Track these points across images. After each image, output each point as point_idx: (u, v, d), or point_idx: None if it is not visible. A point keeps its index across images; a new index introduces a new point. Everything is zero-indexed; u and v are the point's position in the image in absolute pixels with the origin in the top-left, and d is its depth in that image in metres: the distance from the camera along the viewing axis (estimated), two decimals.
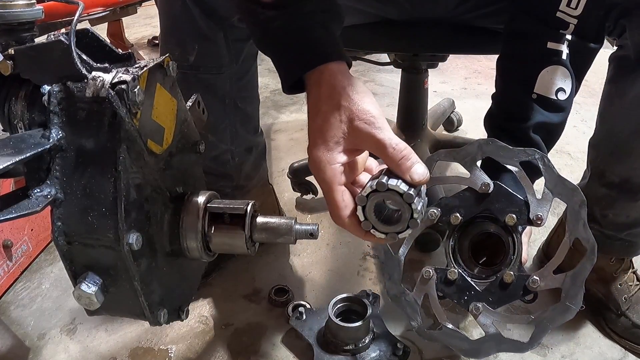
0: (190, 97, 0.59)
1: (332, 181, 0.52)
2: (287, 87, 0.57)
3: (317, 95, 0.53)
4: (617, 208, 0.83)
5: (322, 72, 0.53)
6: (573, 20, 0.68)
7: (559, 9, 0.68)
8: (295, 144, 1.63)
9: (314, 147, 0.53)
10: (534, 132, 0.72)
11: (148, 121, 0.46)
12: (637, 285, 0.90)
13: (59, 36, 0.43)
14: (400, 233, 0.51)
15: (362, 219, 0.52)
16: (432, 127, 1.44)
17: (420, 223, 0.50)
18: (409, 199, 0.49)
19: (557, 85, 0.70)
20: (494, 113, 0.78)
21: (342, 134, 0.52)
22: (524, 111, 0.72)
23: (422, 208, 0.50)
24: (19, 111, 0.47)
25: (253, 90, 0.97)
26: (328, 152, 0.52)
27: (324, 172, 0.52)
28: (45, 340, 0.89)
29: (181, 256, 0.53)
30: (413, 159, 0.50)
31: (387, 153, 0.50)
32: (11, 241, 1.00)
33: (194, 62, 0.82)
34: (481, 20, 0.94)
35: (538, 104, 0.71)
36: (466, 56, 2.49)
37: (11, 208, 0.40)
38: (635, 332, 0.86)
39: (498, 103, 0.78)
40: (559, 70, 0.70)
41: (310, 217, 1.24)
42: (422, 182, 0.50)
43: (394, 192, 0.49)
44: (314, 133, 0.53)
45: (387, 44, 1.07)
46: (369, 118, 0.51)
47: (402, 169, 0.50)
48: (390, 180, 0.49)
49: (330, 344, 0.82)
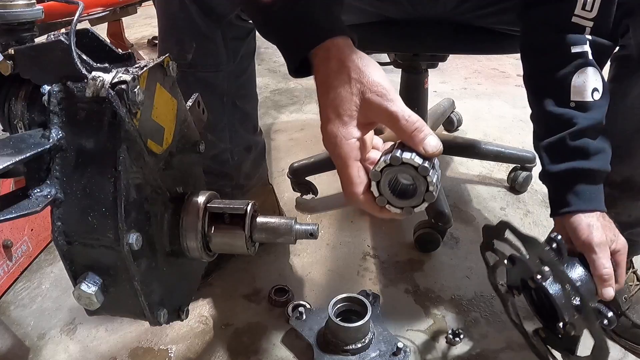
0: (190, 97, 0.59)
1: (348, 156, 0.51)
2: (294, 69, 0.57)
3: (326, 71, 0.53)
4: (619, 207, 0.83)
5: (328, 48, 0.53)
6: (589, 23, 0.68)
7: (574, 13, 0.68)
8: (295, 144, 1.63)
9: (328, 122, 0.52)
10: (585, 138, 0.69)
11: (148, 121, 0.46)
12: (637, 285, 0.90)
13: (59, 36, 0.43)
14: (416, 207, 0.50)
15: (377, 195, 0.51)
16: (432, 127, 1.44)
17: (436, 195, 0.49)
18: (424, 172, 0.48)
19: (591, 86, 0.69)
20: (540, 134, 0.75)
21: (355, 107, 0.51)
22: (567, 123, 0.69)
23: (437, 180, 0.50)
24: (19, 111, 0.48)
25: (251, 88, 0.97)
26: (343, 127, 0.51)
27: (340, 148, 0.51)
28: (45, 340, 0.89)
29: (181, 256, 0.53)
30: (426, 131, 0.49)
31: (400, 125, 0.49)
32: (11, 241, 1.00)
33: (192, 61, 0.82)
34: (482, 20, 0.94)
35: (578, 111, 0.69)
36: (466, 56, 2.49)
37: (11, 208, 0.40)
38: (635, 332, 0.86)
39: (539, 123, 0.75)
40: (588, 70, 0.68)
41: (310, 217, 1.24)
42: (435, 154, 0.49)
43: (408, 165, 0.48)
44: (327, 108, 0.52)
45: (387, 43, 1.07)
46: (380, 90, 0.50)
47: (415, 140, 0.49)
48: (405, 153, 0.48)
49: (330, 344, 0.82)
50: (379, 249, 1.12)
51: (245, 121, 0.96)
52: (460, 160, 1.51)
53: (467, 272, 1.04)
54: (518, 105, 1.95)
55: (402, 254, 1.10)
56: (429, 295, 0.98)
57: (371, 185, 0.51)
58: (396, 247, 1.12)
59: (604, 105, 0.70)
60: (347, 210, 1.26)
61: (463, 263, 1.06)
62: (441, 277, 1.03)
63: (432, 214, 1.08)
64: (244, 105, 0.94)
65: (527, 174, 1.32)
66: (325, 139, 0.52)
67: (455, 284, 1.01)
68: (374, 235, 1.16)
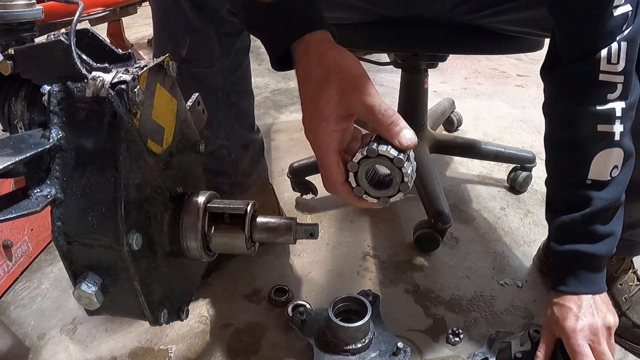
0: (190, 97, 0.59)
1: (327, 148, 0.53)
2: (276, 62, 0.58)
3: (306, 64, 0.54)
4: None
5: (308, 41, 0.54)
6: (619, 78, 0.63)
7: (600, 70, 0.63)
8: (295, 144, 1.63)
9: (309, 115, 0.54)
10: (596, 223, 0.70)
11: (148, 121, 0.46)
12: (637, 285, 0.90)
13: (59, 36, 0.43)
14: (392, 197, 0.53)
15: (355, 185, 0.53)
16: (432, 127, 1.44)
17: (410, 186, 0.51)
18: (399, 163, 0.50)
19: (611, 166, 0.67)
20: (554, 202, 0.75)
21: (335, 100, 0.52)
22: (580, 200, 0.69)
23: (412, 172, 0.52)
24: (19, 111, 0.48)
25: (246, 85, 0.97)
26: (322, 120, 0.52)
27: (320, 139, 0.53)
28: (45, 340, 0.89)
29: (181, 256, 0.53)
30: (401, 125, 0.51)
31: (377, 118, 0.51)
32: (11, 241, 1.00)
33: (186, 56, 0.83)
34: (481, 21, 0.94)
35: (593, 189, 0.68)
36: (466, 56, 2.49)
37: (11, 208, 0.40)
38: (636, 332, 0.86)
39: (553, 192, 0.76)
40: (612, 152, 0.67)
41: (310, 217, 1.24)
42: (410, 147, 0.51)
43: (384, 157, 0.50)
44: (307, 102, 0.54)
45: (386, 43, 1.07)
46: (358, 84, 0.52)
47: (391, 133, 0.51)
48: (380, 146, 0.51)
49: (330, 344, 0.82)
50: (379, 249, 1.12)
51: (242, 118, 0.96)
52: (460, 160, 1.51)
53: (467, 272, 1.04)
54: (518, 106, 1.95)
55: (402, 254, 1.10)
56: (429, 295, 0.98)
57: (349, 176, 0.53)
58: (396, 247, 1.12)
59: (623, 180, 0.69)
60: (347, 210, 1.26)
61: (463, 263, 1.07)
62: (441, 277, 1.03)
63: (431, 213, 1.08)
64: (240, 101, 0.94)
65: (527, 174, 1.32)
66: (307, 131, 0.54)
67: (455, 284, 1.01)
68: (374, 235, 1.16)
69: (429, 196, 1.11)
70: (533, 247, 1.10)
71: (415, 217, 1.15)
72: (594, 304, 0.70)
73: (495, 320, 0.92)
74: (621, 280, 0.89)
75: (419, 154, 1.26)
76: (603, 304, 0.71)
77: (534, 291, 0.99)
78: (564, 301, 0.71)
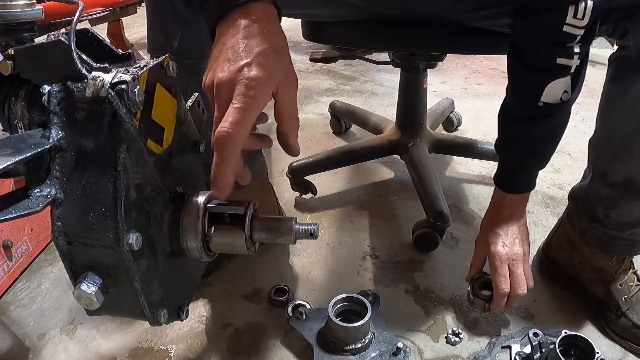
0: (190, 97, 0.59)
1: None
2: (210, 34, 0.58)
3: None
4: (620, 207, 0.83)
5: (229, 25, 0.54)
6: (580, 31, 0.68)
7: (565, 22, 0.68)
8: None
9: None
10: (539, 135, 0.78)
11: (148, 121, 0.46)
12: (637, 285, 0.90)
13: (59, 36, 0.43)
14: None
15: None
16: (432, 126, 1.44)
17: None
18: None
19: (562, 91, 0.73)
20: (507, 110, 0.82)
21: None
22: (530, 117, 0.77)
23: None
24: (19, 111, 0.48)
25: None
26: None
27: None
28: (45, 340, 0.89)
29: (181, 256, 0.53)
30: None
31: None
32: (11, 241, 1.00)
33: (178, 48, 0.83)
34: (478, 22, 0.93)
35: (544, 110, 0.74)
36: (466, 56, 2.50)
37: (11, 208, 0.40)
38: (635, 333, 0.86)
39: (508, 104, 0.81)
40: (565, 80, 0.72)
41: (310, 217, 1.24)
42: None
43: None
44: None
45: (384, 43, 1.06)
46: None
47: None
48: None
49: (330, 344, 0.82)
50: (379, 249, 1.12)
51: None
52: (460, 160, 1.51)
53: (467, 272, 1.04)
54: None
55: (402, 254, 1.10)
56: (429, 295, 0.98)
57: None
58: (396, 247, 1.12)
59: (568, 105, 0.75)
60: (347, 210, 1.26)
61: (463, 263, 1.06)
62: (441, 277, 1.03)
63: (430, 213, 1.08)
64: None
65: None
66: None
67: (455, 284, 1.01)
68: (374, 235, 1.16)
69: (428, 196, 1.11)
70: (533, 247, 1.10)
71: (415, 217, 1.14)
72: (518, 235, 0.85)
73: (495, 320, 0.92)
74: (621, 281, 0.89)
75: (418, 153, 1.26)
76: (525, 236, 0.86)
77: (534, 291, 0.98)
78: (496, 225, 0.86)
